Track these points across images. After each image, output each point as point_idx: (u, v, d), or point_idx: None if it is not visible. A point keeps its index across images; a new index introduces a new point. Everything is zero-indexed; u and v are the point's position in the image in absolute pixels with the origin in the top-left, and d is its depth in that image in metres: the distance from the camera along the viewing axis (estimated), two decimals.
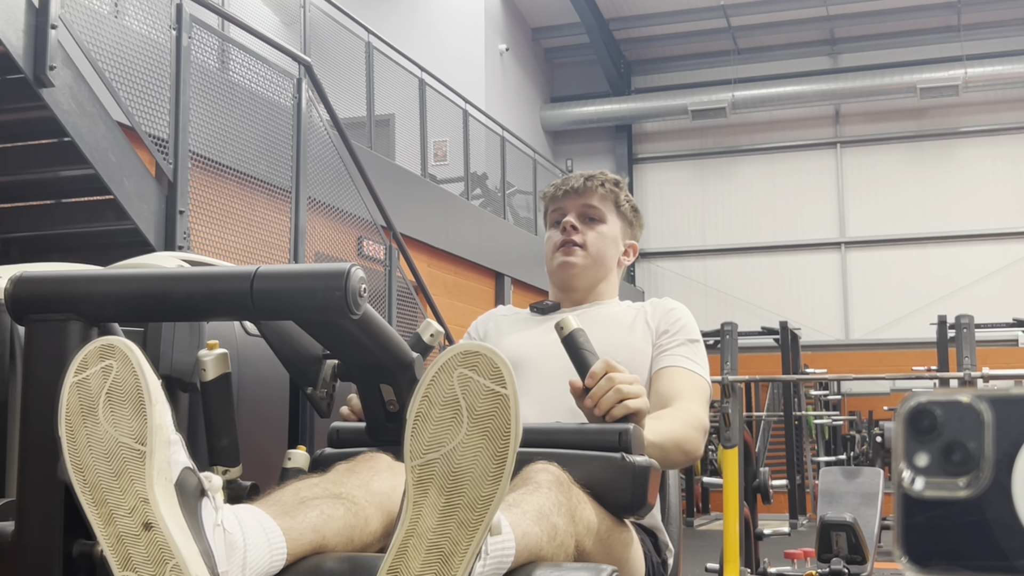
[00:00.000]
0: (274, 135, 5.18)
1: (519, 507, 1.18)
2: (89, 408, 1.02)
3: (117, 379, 1.02)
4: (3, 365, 1.46)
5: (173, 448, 1.03)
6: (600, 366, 1.45)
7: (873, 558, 4.44)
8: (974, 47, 14.11)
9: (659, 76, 15.86)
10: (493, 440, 0.99)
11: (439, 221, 9.41)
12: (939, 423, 0.47)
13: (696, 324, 1.95)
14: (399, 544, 0.98)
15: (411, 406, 1.01)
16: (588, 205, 2.01)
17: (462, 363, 1.01)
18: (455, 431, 0.99)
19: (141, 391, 1.01)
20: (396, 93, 9.12)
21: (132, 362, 1.02)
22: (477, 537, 0.97)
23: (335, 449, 1.56)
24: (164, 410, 1.03)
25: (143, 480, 1.00)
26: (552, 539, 1.19)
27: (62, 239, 4.64)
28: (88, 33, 3.96)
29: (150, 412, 1.01)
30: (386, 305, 6.27)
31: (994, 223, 14.25)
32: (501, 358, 1.00)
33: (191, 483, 1.04)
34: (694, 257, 15.28)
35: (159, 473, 1.00)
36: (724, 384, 4.63)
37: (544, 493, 1.24)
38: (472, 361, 1.00)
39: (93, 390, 1.03)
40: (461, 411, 1.00)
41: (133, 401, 1.01)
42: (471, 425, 0.99)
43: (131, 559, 0.98)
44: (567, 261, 1.98)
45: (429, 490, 0.99)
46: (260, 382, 2.66)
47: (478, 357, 1.00)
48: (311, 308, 1.14)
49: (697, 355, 1.89)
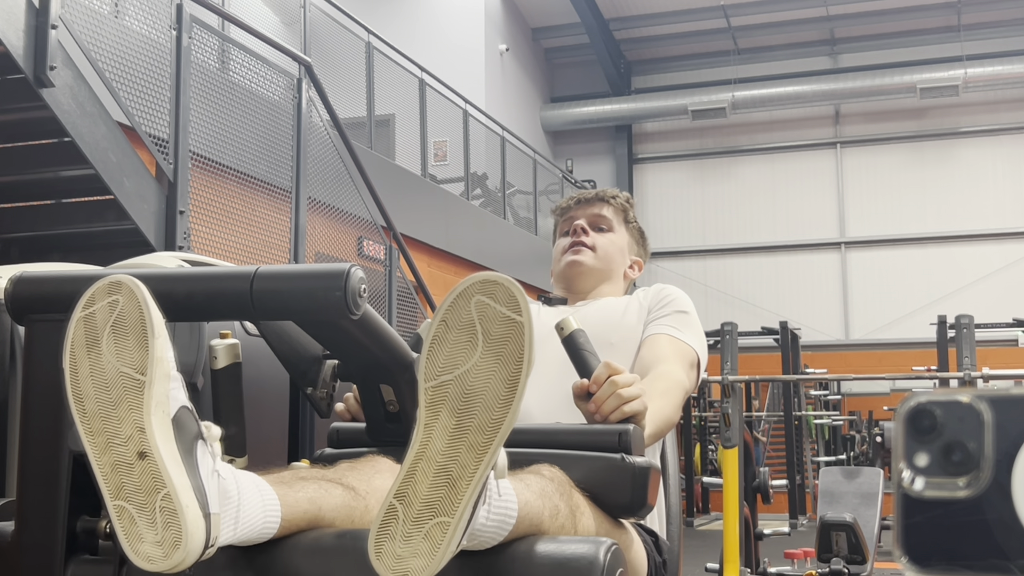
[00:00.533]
0: (274, 135, 5.19)
1: (523, 481, 1.18)
2: (93, 340, 1.04)
3: (122, 313, 1.04)
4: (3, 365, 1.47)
5: (172, 384, 1.04)
6: (602, 370, 1.45)
7: (873, 558, 4.44)
8: (974, 47, 14.11)
9: (659, 76, 15.86)
10: (506, 364, 1.00)
11: (439, 221, 9.41)
12: (939, 423, 0.47)
13: (690, 302, 1.96)
14: (408, 467, 0.99)
15: (429, 329, 1.03)
16: (599, 215, 2.07)
17: (480, 290, 1.02)
18: (470, 354, 1.01)
19: (145, 324, 1.03)
20: (396, 93, 9.12)
21: (138, 297, 1.04)
22: (485, 461, 0.98)
23: (335, 449, 1.56)
24: (166, 345, 1.04)
25: (140, 409, 1.00)
26: (553, 517, 1.19)
27: (62, 239, 4.64)
28: (88, 33, 3.96)
29: (151, 344, 1.02)
30: (386, 305, 6.27)
31: (994, 223, 14.25)
32: (518, 288, 1.03)
33: (188, 423, 1.05)
34: (694, 257, 15.28)
35: (157, 404, 1.01)
36: (724, 384, 4.63)
37: (547, 480, 1.25)
38: (490, 289, 1.02)
39: (99, 323, 1.04)
40: (477, 335, 1.01)
41: (137, 333, 1.03)
42: (486, 348, 1.01)
43: (124, 488, 0.99)
44: (575, 259, 2.02)
45: (441, 412, 1.00)
46: (260, 382, 2.66)
47: (496, 286, 1.02)
48: (311, 308, 1.14)
49: (684, 325, 1.89)
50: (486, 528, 1.06)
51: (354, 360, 1.38)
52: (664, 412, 1.65)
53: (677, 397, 1.73)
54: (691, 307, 1.94)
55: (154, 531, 0.97)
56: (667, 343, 1.84)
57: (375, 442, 1.48)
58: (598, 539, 1.13)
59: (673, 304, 1.92)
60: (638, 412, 1.45)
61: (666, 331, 1.86)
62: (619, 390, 1.43)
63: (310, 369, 1.48)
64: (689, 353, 1.85)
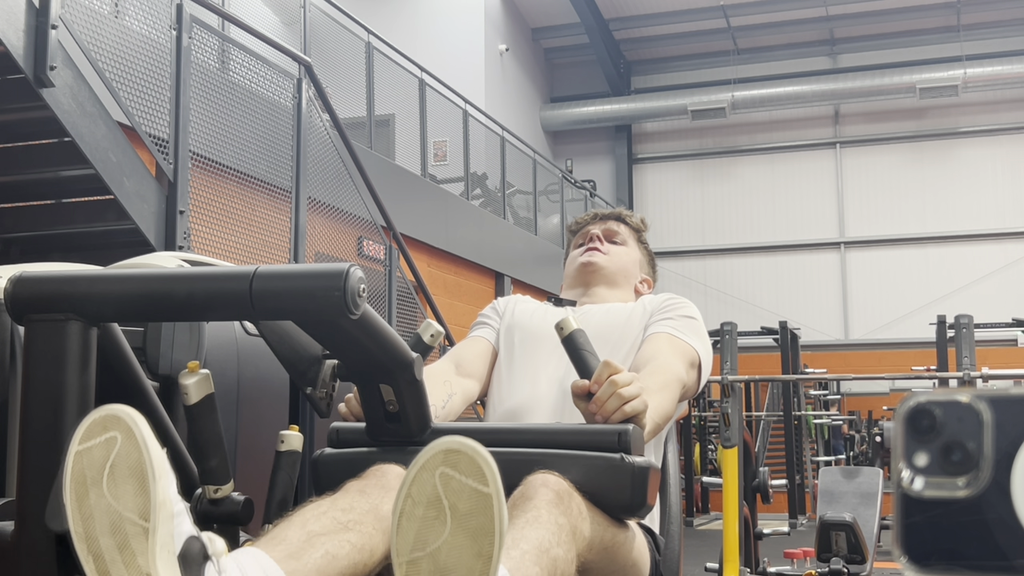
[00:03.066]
0: (274, 135, 5.18)
1: (518, 547, 1.17)
2: (94, 479, 1.01)
3: (121, 452, 1.00)
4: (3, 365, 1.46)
5: (177, 520, 1.02)
6: (602, 370, 1.45)
7: (872, 558, 4.44)
8: (974, 47, 14.12)
9: (659, 76, 15.86)
10: (478, 539, 0.98)
11: (439, 221, 9.41)
12: (938, 423, 0.48)
13: (697, 310, 1.96)
14: None
15: (395, 504, 1.01)
16: (613, 230, 2.12)
17: (443, 462, 1.00)
18: (439, 530, 0.99)
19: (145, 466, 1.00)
20: (396, 93, 9.12)
21: (136, 436, 1.00)
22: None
23: (335, 449, 1.56)
24: (168, 484, 1.01)
25: (146, 555, 0.98)
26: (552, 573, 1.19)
27: (62, 239, 4.64)
28: (88, 33, 3.96)
29: (154, 489, 0.99)
30: (386, 305, 6.27)
31: (994, 223, 14.25)
32: (483, 456, 1.00)
33: (195, 551, 1.03)
34: (694, 257, 15.28)
35: (162, 547, 0.99)
36: (724, 384, 4.63)
37: (544, 523, 1.23)
38: (453, 460, 1.00)
39: (97, 461, 1.01)
40: (444, 510, 0.99)
41: (137, 477, 1.00)
42: (455, 524, 0.98)
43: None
44: (589, 260, 2.05)
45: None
46: (260, 382, 2.66)
47: (459, 456, 1.00)
48: (310, 308, 1.14)
49: (688, 328, 1.88)
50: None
51: (354, 360, 1.38)
52: (662, 407, 1.64)
53: (675, 391, 1.72)
54: (698, 315, 1.94)
55: None
56: (667, 340, 1.83)
57: (375, 442, 1.48)
58: None
59: (679, 309, 1.92)
60: (639, 412, 1.45)
61: (667, 330, 1.86)
62: (619, 390, 1.43)
63: (310, 369, 1.48)
64: (689, 352, 1.84)
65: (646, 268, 2.17)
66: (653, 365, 1.74)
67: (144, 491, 1.00)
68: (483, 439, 1.44)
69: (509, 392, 1.91)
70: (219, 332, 2.34)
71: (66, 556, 1.15)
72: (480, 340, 2.02)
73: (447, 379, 1.85)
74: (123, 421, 1.01)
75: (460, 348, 2.01)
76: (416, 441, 1.43)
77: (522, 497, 1.28)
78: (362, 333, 1.22)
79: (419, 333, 1.60)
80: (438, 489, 0.99)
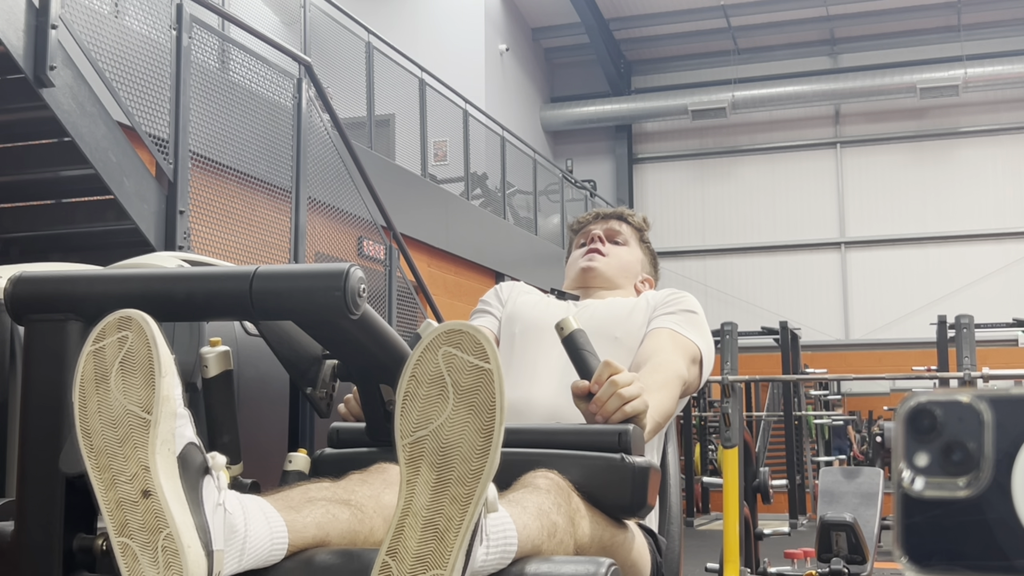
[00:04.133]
0: (274, 135, 5.18)
1: (519, 504, 1.19)
2: (102, 376, 1.04)
3: (131, 349, 1.04)
4: (3, 365, 1.46)
5: (179, 421, 1.05)
6: (603, 370, 1.45)
7: (873, 558, 4.44)
8: (974, 47, 14.11)
9: (659, 76, 15.86)
10: (479, 414, 1.00)
11: (439, 221, 9.41)
12: (939, 423, 0.47)
13: (699, 305, 1.94)
14: (396, 524, 1.00)
15: (399, 386, 1.03)
16: (615, 230, 2.11)
17: (446, 341, 1.02)
18: (442, 407, 1.01)
19: (153, 362, 1.03)
20: (396, 93, 9.12)
21: (147, 334, 1.04)
22: (470, 512, 0.98)
23: (335, 449, 1.56)
24: (173, 383, 1.05)
25: (146, 448, 1.01)
26: (551, 536, 1.20)
27: (62, 239, 4.64)
28: (88, 33, 3.96)
29: (159, 383, 1.03)
30: (386, 305, 6.27)
31: (994, 223, 14.25)
32: (483, 334, 1.02)
33: (195, 458, 1.05)
34: (694, 257, 15.28)
35: (162, 443, 1.02)
36: (724, 384, 4.63)
37: (543, 494, 1.24)
38: (456, 339, 1.02)
39: (108, 359, 1.05)
40: (447, 387, 1.01)
41: (144, 371, 1.03)
42: (457, 400, 1.01)
43: (128, 525, 1.00)
44: (589, 265, 2.04)
45: (421, 467, 1.00)
46: (260, 382, 2.66)
47: (461, 335, 1.02)
48: (310, 308, 1.14)
49: (689, 323, 1.87)
50: (487, 563, 1.07)
51: (354, 360, 1.38)
52: (662, 406, 1.64)
53: (675, 389, 1.71)
54: (699, 309, 1.93)
55: (156, 569, 0.98)
56: (668, 336, 1.82)
57: (375, 442, 1.48)
58: (597, 560, 1.13)
59: (681, 304, 1.91)
60: (639, 412, 1.44)
61: (669, 326, 1.85)
62: (620, 390, 1.43)
63: (310, 369, 1.48)
64: (690, 347, 1.83)
65: (648, 267, 2.15)
66: (654, 362, 1.73)
67: (149, 385, 1.03)
68: None
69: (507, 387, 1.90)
70: (219, 332, 2.34)
71: (68, 556, 1.15)
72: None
73: None
74: (136, 321, 1.05)
75: None
76: None
77: (521, 484, 1.29)
78: (362, 333, 1.22)
79: (419, 333, 1.60)
80: (441, 367, 1.02)
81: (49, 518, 1.15)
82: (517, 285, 2.12)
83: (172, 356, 1.06)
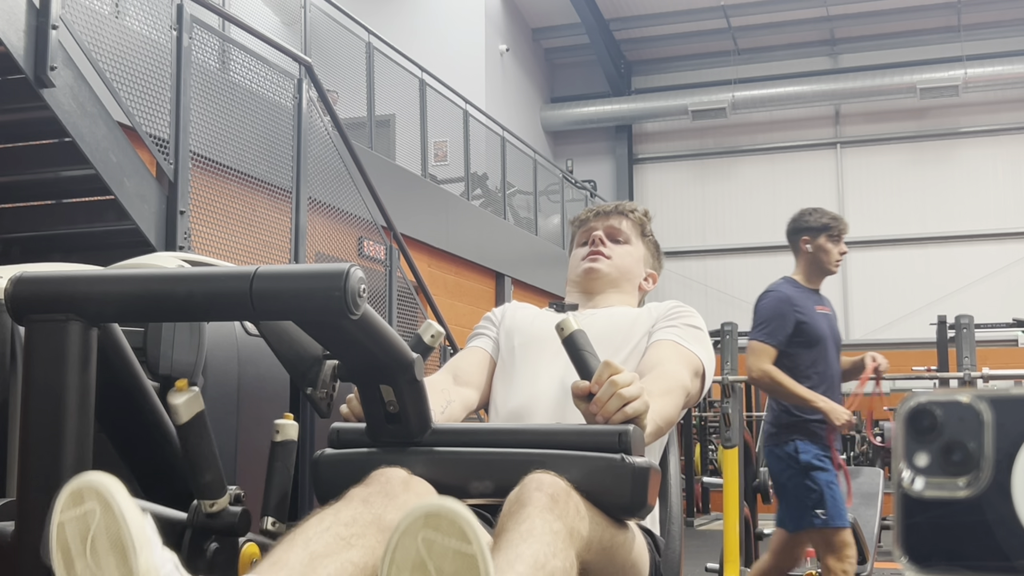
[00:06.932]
0: (274, 135, 5.18)
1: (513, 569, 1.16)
2: (77, 551, 1.00)
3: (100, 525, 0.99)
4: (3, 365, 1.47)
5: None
6: (603, 370, 1.45)
7: (873, 558, 4.44)
8: (974, 47, 14.11)
9: (659, 76, 15.86)
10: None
11: (439, 221, 9.41)
12: (939, 423, 0.47)
13: (701, 320, 1.95)
14: None
15: (380, 569, 1.00)
16: (616, 227, 2.09)
17: (424, 525, 0.99)
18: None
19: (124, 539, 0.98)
20: (396, 93, 9.12)
21: (113, 508, 0.99)
22: None
23: (335, 450, 1.56)
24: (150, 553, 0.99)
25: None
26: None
27: (63, 239, 4.64)
28: (89, 33, 3.96)
29: (135, 563, 0.98)
30: (386, 305, 6.27)
31: (994, 223, 14.25)
32: (462, 515, 0.99)
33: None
34: (694, 257, 15.28)
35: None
36: (724, 384, 4.62)
37: (538, 535, 1.21)
38: (434, 523, 0.99)
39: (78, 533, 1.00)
40: (430, 574, 0.98)
41: (118, 549, 0.98)
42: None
43: None
44: (592, 267, 2.03)
45: None
46: (260, 382, 2.66)
47: (439, 519, 0.99)
48: (310, 308, 1.14)
49: (692, 337, 1.87)
50: None
51: (354, 360, 1.38)
52: (665, 411, 1.64)
53: (678, 397, 1.72)
54: (703, 325, 1.93)
55: None
56: (671, 348, 1.83)
57: (375, 443, 1.48)
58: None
59: (684, 318, 1.91)
60: (640, 412, 1.44)
61: (671, 338, 1.85)
62: (620, 390, 1.43)
63: (310, 369, 1.48)
64: (693, 360, 1.83)
65: (651, 262, 2.15)
66: (658, 371, 1.74)
67: (126, 564, 0.98)
68: (484, 439, 1.44)
69: (510, 394, 1.90)
70: (219, 332, 2.34)
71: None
72: (477, 350, 2.01)
73: (444, 387, 1.85)
74: (99, 493, 0.99)
75: (457, 360, 2.00)
76: (417, 442, 1.43)
77: (516, 503, 1.26)
78: (362, 333, 1.22)
79: (419, 334, 1.60)
80: (422, 554, 0.98)
81: (49, 518, 1.14)
82: (511, 304, 2.12)
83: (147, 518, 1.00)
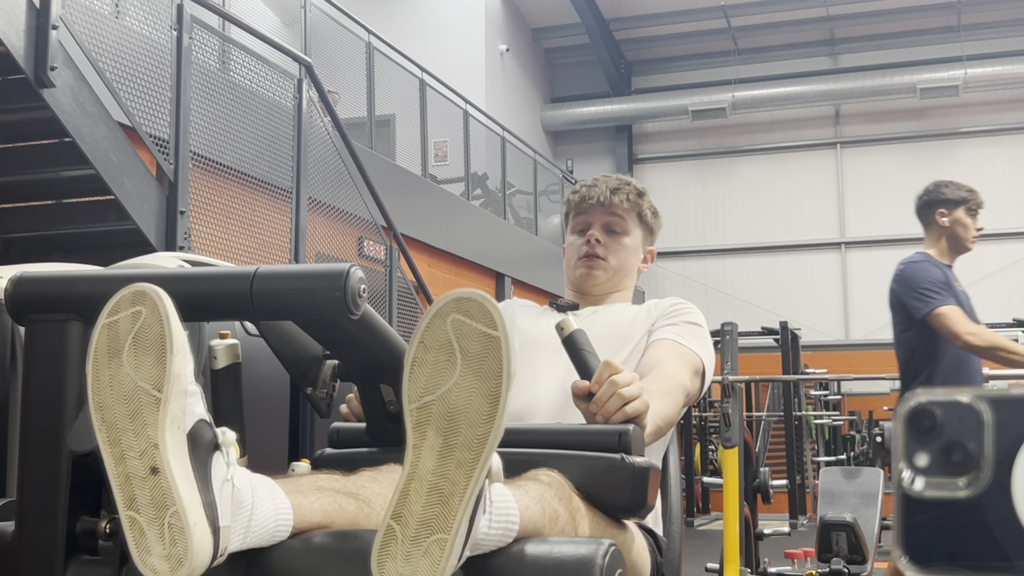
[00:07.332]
0: (275, 135, 5.19)
1: (522, 488, 1.19)
2: (115, 350, 1.05)
3: (144, 325, 1.05)
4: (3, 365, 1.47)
5: (190, 399, 1.05)
6: (603, 370, 1.45)
7: (873, 558, 4.44)
8: (974, 47, 14.11)
9: (659, 76, 15.86)
10: (486, 380, 1.02)
11: (439, 221, 9.41)
12: (939, 423, 0.47)
13: (702, 317, 1.95)
14: (401, 488, 1.00)
15: (408, 352, 1.04)
16: (613, 219, 2.06)
17: (455, 308, 1.03)
18: (450, 373, 1.02)
19: (165, 340, 1.04)
20: (396, 93, 9.12)
21: (160, 311, 1.04)
22: (474, 477, 0.99)
23: (335, 449, 1.56)
24: (185, 360, 1.05)
25: (155, 425, 1.02)
26: (553, 522, 1.20)
27: (63, 239, 4.64)
28: (89, 33, 3.96)
29: (170, 361, 1.03)
30: (386, 305, 6.27)
31: (994, 223, 14.17)
32: (492, 303, 1.04)
33: (205, 435, 1.06)
34: (694, 257, 15.28)
35: (172, 421, 1.02)
36: (724, 384, 4.62)
37: (545, 487, 1.25)
38: (465, 307, 1.03)
39: (121, 333, 1.05)
40: (455, 353, 1.02)
41: (156, 349, 1.04)
42: (465, 366, 1.02)
43: (136, 500, 1.01)
44: (589, 273, 2.03)
45: (427, 432, 1.01)
46: (260, 382, 2.66)
47: (470, 303, 1.03)
48: (310, 308, 1.14)
49: (692, 335, 1.87)
50: (489, 537, 1.07)
51: (354, 360, 1.38)
52: (665, 411, 1.64)
53: (679, 397, 1.72)
54: (702, 321, 1.93)
55: (162, 545, 0.99)
56: (671, 347, 1.83)
57: (375, 442, 1.48)
58: (597, 540, 1.13)
59: (683, 316, 1.91)
60: (640, 412, 1.44)
61: (671, 337, 1.85)
62: (620, 390, 1.43)
63: (310, 369, 1.48)
64: (693, 359, 1.83)
65: (648, 240, 2.14)
66: (658, 371, 1.74)
67: (161, 363, 1.03)
68: None
69: None
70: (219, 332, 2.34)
71: (67, 555, 1.15)
72: None
73: None
74: (150, 297, 1.05)
75: None
76: None
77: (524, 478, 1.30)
78: (362, 333, 1.22)
79: None
80: (449, 334, 1.03)
81: (49, 518, 1.15)
82: (512, 302, 2.12)
83: (185, 333, 1.06)
